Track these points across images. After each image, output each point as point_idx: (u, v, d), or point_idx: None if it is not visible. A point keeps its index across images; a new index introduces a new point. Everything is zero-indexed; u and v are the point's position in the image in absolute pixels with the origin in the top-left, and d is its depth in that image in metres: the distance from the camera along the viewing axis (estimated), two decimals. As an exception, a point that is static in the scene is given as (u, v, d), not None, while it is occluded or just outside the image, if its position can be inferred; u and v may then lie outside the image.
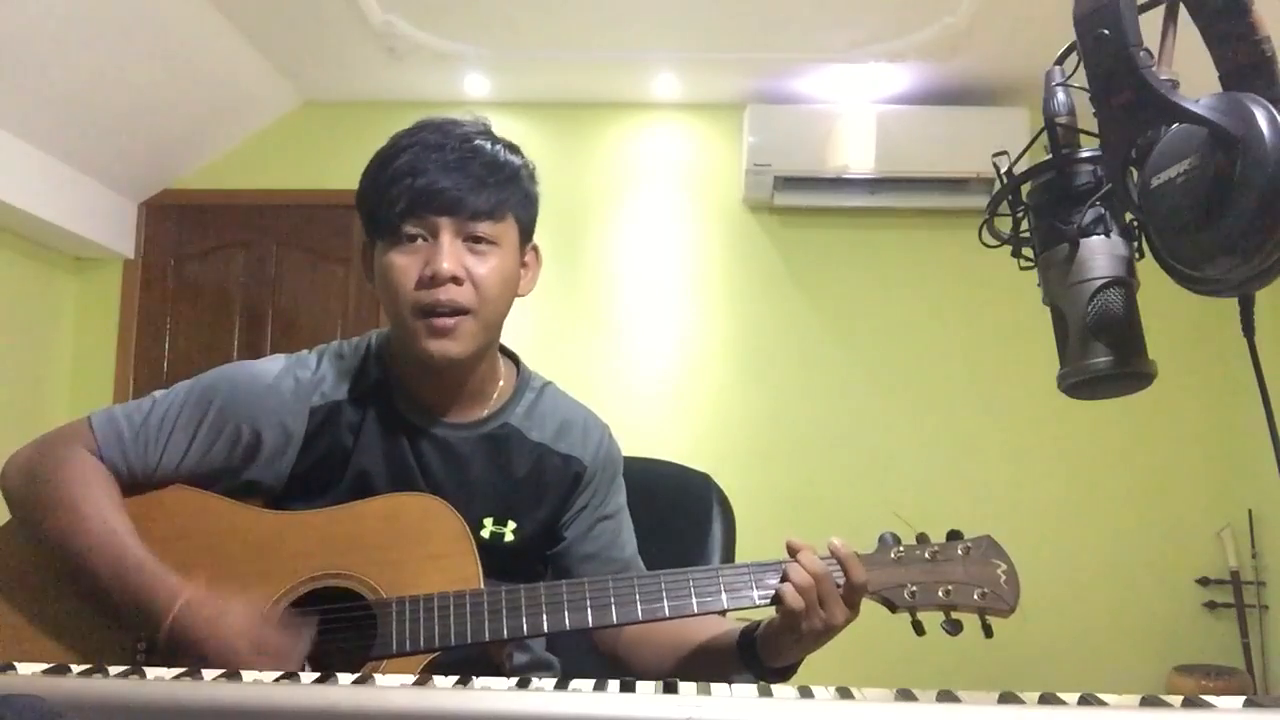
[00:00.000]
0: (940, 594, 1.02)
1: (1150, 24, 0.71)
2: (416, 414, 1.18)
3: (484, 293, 1.11)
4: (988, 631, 1.02)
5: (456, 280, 1.09)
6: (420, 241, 1.10)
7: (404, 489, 1.14)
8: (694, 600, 1.03)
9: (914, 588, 1.03)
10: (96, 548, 1.04)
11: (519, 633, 1.02)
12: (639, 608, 1.03)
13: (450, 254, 1.08)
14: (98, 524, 1.06)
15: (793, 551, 1.03)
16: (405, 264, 1.09)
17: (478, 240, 1.11)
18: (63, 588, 1.07)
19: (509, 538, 1.18)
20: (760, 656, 1.07)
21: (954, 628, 1.02)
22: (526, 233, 1.19)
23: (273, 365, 1.18)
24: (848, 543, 1.03)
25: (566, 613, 1.02)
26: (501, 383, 1.23)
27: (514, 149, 1.17)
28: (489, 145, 1.14)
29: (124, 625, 1.04)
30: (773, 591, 1.03)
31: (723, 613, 1.08)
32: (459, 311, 1.09)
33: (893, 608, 1.04)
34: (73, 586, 1.06)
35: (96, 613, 1.05)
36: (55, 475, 1.10)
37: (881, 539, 1.07)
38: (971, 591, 1.02)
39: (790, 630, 1.02)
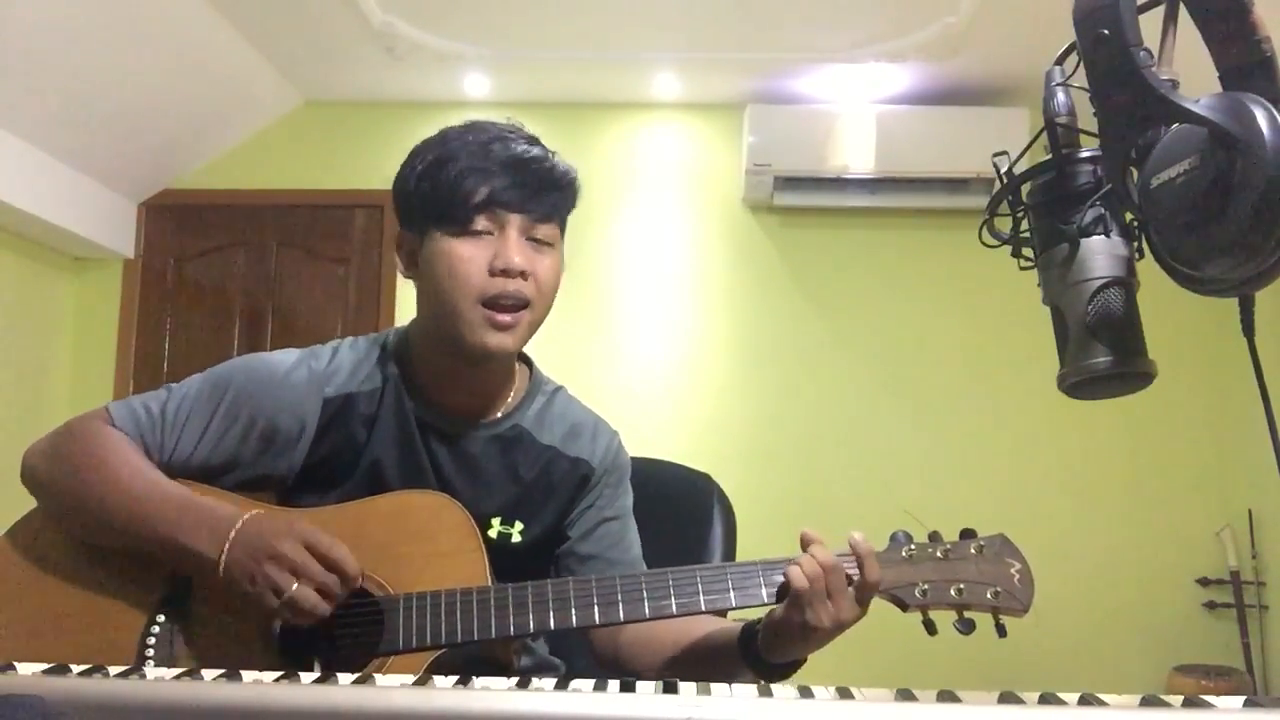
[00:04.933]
0: (952, 593, 1.01)
1: (1150, 24, 0.71)
2: (430, 411, 1.19)
3: (542, 289, 1.15)
4: (1001, 631, 1.01)
5: (524, 275, 1.12)
6: (486, 235, 1.13)
7: (415, 485, 1.15)
8: (702, 598, 1.02)
9: (925, 586, 1.01)
10: (145, 494, 1.07)
11: (526, 629, 1.02)
12: (646, 605, 1.02)
13: (519, 249, 1.12)
14: (139, 477, 1.09)
15: (806, 542, 1.02)
16: (472, 253, 1.12)
17: (538, 240, 1.15)
18: (68, 584, 1.08)
19: (516, 538, 1.19)
20: (762, 652, 1.06)
21: (966, 627, 1.01)
22: (563, 237, 1.22)
23: (287, 357, 1.20)
24: (868, 540, 1.02)
25: (574, 609, 1.02)
26: (515, 384, 1.25)
27: (562, 159, 1.21)
28: (549, 153, 1.18)
29: (185, 556, 1.04)
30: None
31: (724, 613, 1.08)
32: (520, 305, 1.13)
33: (904, 606, 1.03)
34: (118, 539, 1.08)
35: (153, 555, 1.06)
36: (82, 446, 1.12)
37: (893, 537, 1.06)
38: (984, 591, 1.00)
39: (796, 622, 1.00)
